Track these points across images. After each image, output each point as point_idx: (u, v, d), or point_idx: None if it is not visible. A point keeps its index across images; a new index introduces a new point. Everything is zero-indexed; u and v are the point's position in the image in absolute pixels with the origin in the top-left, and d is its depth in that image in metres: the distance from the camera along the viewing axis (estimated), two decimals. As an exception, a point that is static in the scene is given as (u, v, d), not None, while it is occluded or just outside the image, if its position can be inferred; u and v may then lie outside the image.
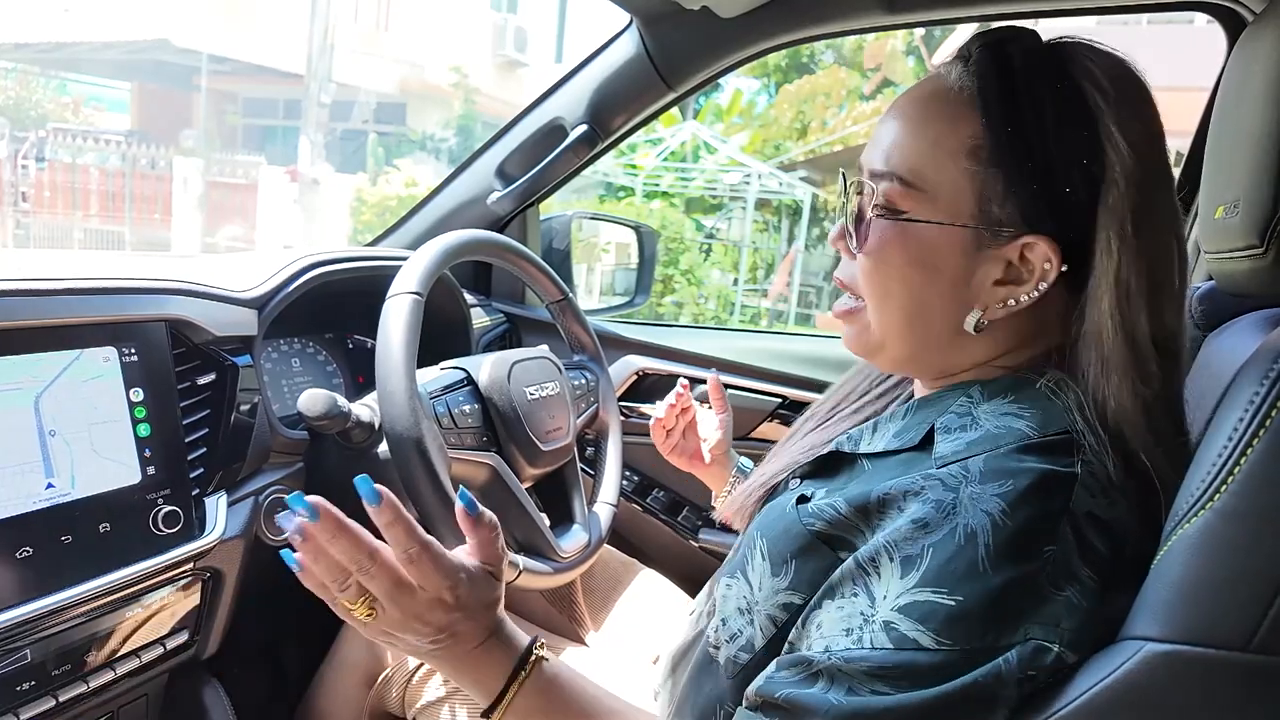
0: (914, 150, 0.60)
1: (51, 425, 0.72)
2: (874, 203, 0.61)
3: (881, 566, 0.53)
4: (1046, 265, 0.57)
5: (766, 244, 9.68)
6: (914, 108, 0.61)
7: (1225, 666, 0.46)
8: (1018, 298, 0.59)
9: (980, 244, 0.58)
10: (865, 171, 0.63)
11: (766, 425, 1.39)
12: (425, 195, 1.48)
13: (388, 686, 0.95)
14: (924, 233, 0.59)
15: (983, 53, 0.60)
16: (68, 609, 0.71)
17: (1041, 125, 0.56)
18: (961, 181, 0.58)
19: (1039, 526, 0.51)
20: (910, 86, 0.64)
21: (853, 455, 0.65)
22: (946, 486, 0.53)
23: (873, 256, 0.61)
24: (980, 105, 0.58)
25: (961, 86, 0.59)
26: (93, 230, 9.40)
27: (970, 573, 0.50)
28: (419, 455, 0.80)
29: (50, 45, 12.03)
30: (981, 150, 0.57)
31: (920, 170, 0.59)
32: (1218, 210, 0.67)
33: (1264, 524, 0.46)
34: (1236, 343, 0.63)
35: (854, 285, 0.65)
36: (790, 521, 0.61)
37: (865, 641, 0.52)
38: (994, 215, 0.57)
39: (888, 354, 0.65)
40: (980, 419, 0.58)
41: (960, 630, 0.49)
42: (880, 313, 0.63)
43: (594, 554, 1.00)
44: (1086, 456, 0.53)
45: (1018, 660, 0.49)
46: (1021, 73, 0.58)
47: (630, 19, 1.24)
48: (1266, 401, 0.47)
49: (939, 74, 0.61)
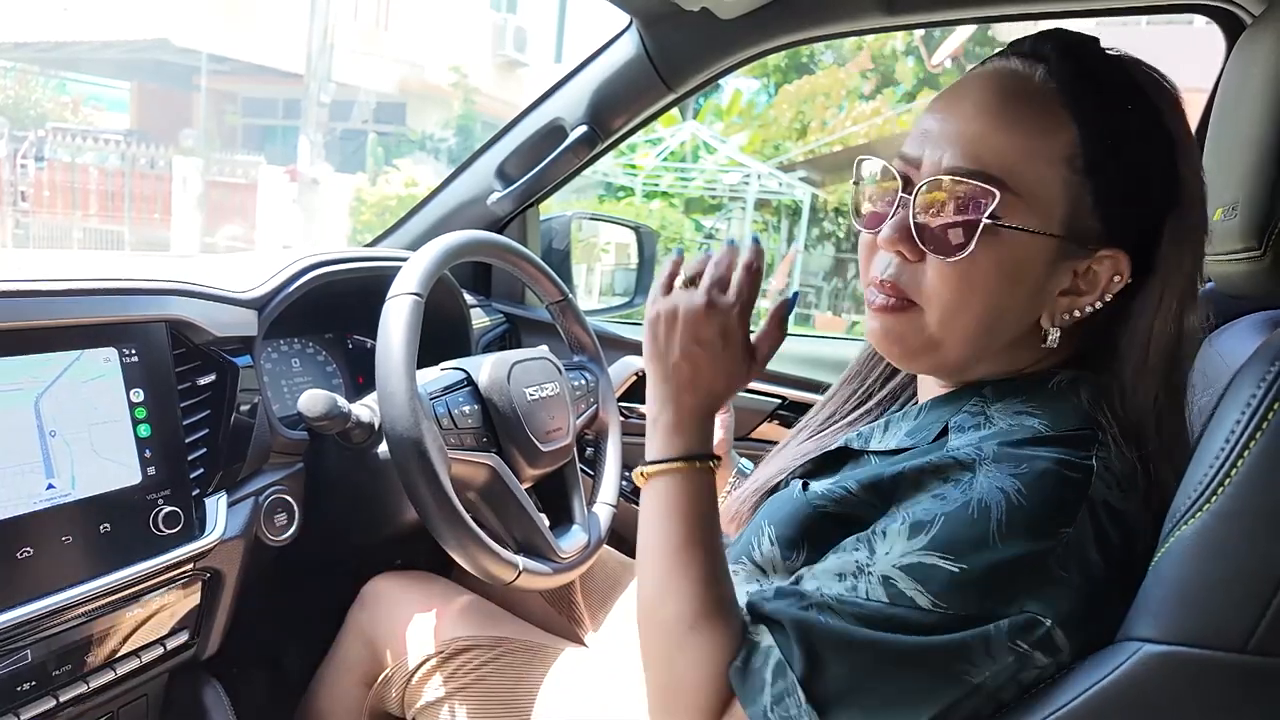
0: (1011, 151, 0.56)
1: (52, 426, 0.72)
2: (967, 203, 0.56)
3: (889, 530, 0.53)
4: (1116, 278, 0.57)
5: (766, 244, 9.65)
6: (1002, 105, 0.57)
7: (1222, 668, 0.46)
8: (1082, 308, 0.58)
9: (1062, 254, 0.57)
10: (936, 168, 0.58)
11: (766, 426, 1.39)
12: (425, 196, 1.48)
13: (387, 687, 0.95)
14: (1017, 240, 0.56)
15: (1064, 57, 0.57)
16: (68, 609, 0.71)
17: (1130, 138, 0.56)
18: (1057, 189, 0.56)
19: (1057, 509, 0.51)
20: (979, 75, 0.59)
21: (861, 452, 0.65)
22: (963, 465, 0.54)
23: (962, 265, 0.56)
24: (1076, 112, 0.56)
25: (1052, 88, 0.56)
26: (92, 230, 9.39)
27: (979, 544, 0.50)
28: (419, 456, 0.80)
29: (50, 44, 12.02)
30: (1078, 159, 0.56)
31: (1020, 173, 0.55)
32: (1216, 212, 0.67)
33: (1261, 525, 0.46)
34: (1235, 344, 0.63)
35: (912, 290, 0.59)
36: (799, 505, 0.61)
37: (860, 591, 0.52)
38: (1082, 225, 0.57)
39: (937, 357, 0.61)
40: (994, 418, 0.58)
41: (958, 596, 0.50)
42: (950, 318, 0.58)
43: (593, 554, 1.00)
44: (1103, 452, 0.54)
45: (1008, 628, 0.49)
46: (1104, 81, 0.57)
47: (630, 20, 1.24)
48: (1264, 403, 0.47)
49: (1015, 70, 0.58)
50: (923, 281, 0.58)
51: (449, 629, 0.95)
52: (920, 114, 0.62)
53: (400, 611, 0.98)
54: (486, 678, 0.90)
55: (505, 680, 0.90)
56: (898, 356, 0.63)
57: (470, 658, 0.92)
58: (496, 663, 0.91)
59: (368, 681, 0.98)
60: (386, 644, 0.97)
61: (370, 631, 0.99)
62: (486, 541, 0.84)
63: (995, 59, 0.61)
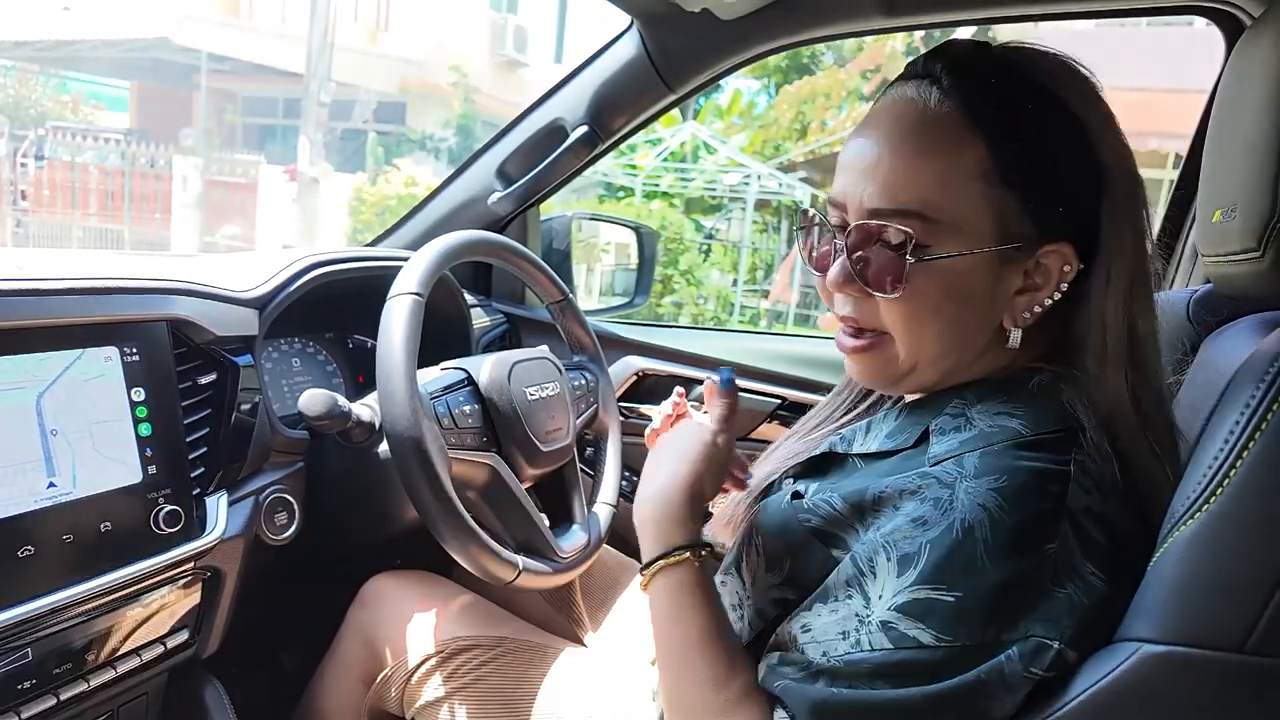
0: (923, 182, 0.57)
1: (53, 424, 0.72)
2: (892, 242, 0.57)
3: (878, 566, 0.53)
4: (1065, 268, 0.58)
5: (766, 245, 9.67)
6: (905, 136, 0.58)
7: (1220, 668, 0.46)
8: (1041, 303, 0.59)
9: (1004, 261, 0.58)
10: (860, 209, 0.59)
11: (766, 426, 1.39)
12: (426, 195, 1.48)
13: (386, 686, 0.95)
14: (955, 264, 0.57)
15: (954, 73, 0.58)
16: (68, 608, 0.71)
17: (1039, 138, 0.57)
18: (979, 206, 0.57)
19: (1038, 523, 0.51)
20: (883, 107, 0.61)
21: (845, 455, 0.65)
22: (942, 484, 0.54)
23: (905, 299, 0.58)
24: (978, 127, 0.56)
25: (948, 110, 0.57)
26: (92, 229, 9.39)
27: (968, 568, 0.50)
28: (419, 455, 0.80)
29: (50, 43, 12.02)
30: (992, 173, 0.56)
31: (936, 202, 0.57)
32: (1215, 214, 0.67)
33: (1259, 527, 0.46)
34: (1233, 345, 0.63)
35: (873, 323, 0.62)
36: (787, 518, 0.62)
37: (864, 644, 0.52)
38: (1014, 232, 0.58)
39: (915, 379, 0.63)
40: (974, 419, 0.59)
41: (960, 626, 0.50)
42: (913, 344, 0.61)
43: (593, 554, 1.00)
44: (1081, 455, 0.54)
45: (1020, 658, 0.49)
46: (1001, 88, 0.57)
47: (631, 20, 1.24)
48: (1263, 405, 0.47)
49: (911, 98, 0.59)
50: (880, 316, 0.61)
51: (449, 628, 0.95)
52: (844, 144, 0.63)
53: (400, 611, 0.98)
54: (486, 677, 0.91)
55: (505, 680, 0.90)
56: (883, 388, 0.67)
57: (470, 657, 0.92)
58: (496, 662, 0.92)
59: (367, 681, 0.98)
60: (386, 643, 0.97)
61: (370, 631, 0.99)
62: (486, 541, 0.84)
63: (894, 85, 0.61)
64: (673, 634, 0.63)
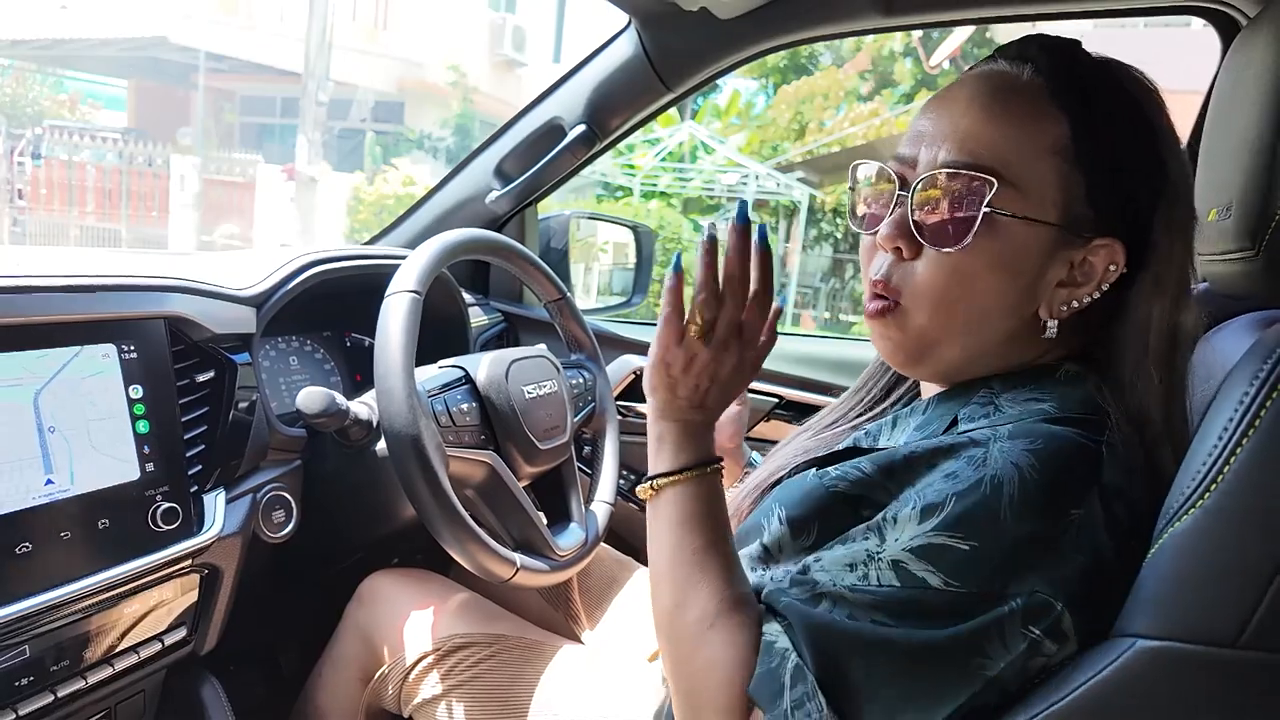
0: (1003, 144, 0.57)
1: (51, 421, 0.72)
2: (965, 193, 0.57)
3: (900, 514, 0.53)
4: (1111, 268, 0.58)
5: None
6: (993, 100, 0.58)
7: (1214, 663, 0.46)
8: (1080, 299, 0.59)
9: (1059, 244, 0.58)
10: (932, 164, 0.59)
11: (764, 425, 1.39)
12: (423, 194, 1.48)
13: (384, 683, 0.95)
14: (1014, 230, 0.57)
15: (1049, 55, 0.59)
16: (66, 605, 0.71)
17: (1116, 132, 0.58)
18: (1052, 180, 0.57)
19: (1067, 489, 0.52)
20: (969, 77, 0.61)
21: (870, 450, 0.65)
22: (977, 442, 0.54)
23: (948, 263, 0.58)
24: (1064, 105, 0.57)
25: (1037, 83, 0.58)
26: (89, 228, 9.38)
27: (991, 520, 0.50)
28: (417, 453, 0.80)
29: (47, 42, 12.01)
30: (1069, 151, 0.57)
31: (1014, 165, 0.57)
32: (1211, 213, 0.67)
33: (1253, 522, 0.47)
34: (1229, 344, 0.64)
35: (903, 287, 0.61)
36: (811, 486, 0.61)
37: (872, 578, 0.52)
38: (1077, 215, 0.58)
39: (936, 359, 0.62)
40: (1003, 406, 0.59)
41: (970, 574, 0.50)
42: (940, 312, 0.59)
43: (591, 552, 1.00)
44: (1112, 437, 0.54)
45: (1021, 612, 0.49)
46: (1091, 80, 0.58)
47: (629, 19, 1.24)
48: (1256, 401, 0.48)
49: (1002, 70, 0.60)
50: (914, 279, 0.60)
51: (446, 626, 0.95)
52: (914, 116, 0.63)
53: (398, 608, 0.99)
54: (483, 675, 0.91)
55: (502, 677, 0.90)
56: (900, 362, 0.65)
57: (467, 655, 0.92)
58: (493, 660, 0.92)
59: (365, 678, 0.99)
60: (384, 641, 0.97)
61: (368, 628, 1.00)
62: (484, 539, 0.84)
63: (983, 64, 0.62)
64: (670, 546, 0.62)
